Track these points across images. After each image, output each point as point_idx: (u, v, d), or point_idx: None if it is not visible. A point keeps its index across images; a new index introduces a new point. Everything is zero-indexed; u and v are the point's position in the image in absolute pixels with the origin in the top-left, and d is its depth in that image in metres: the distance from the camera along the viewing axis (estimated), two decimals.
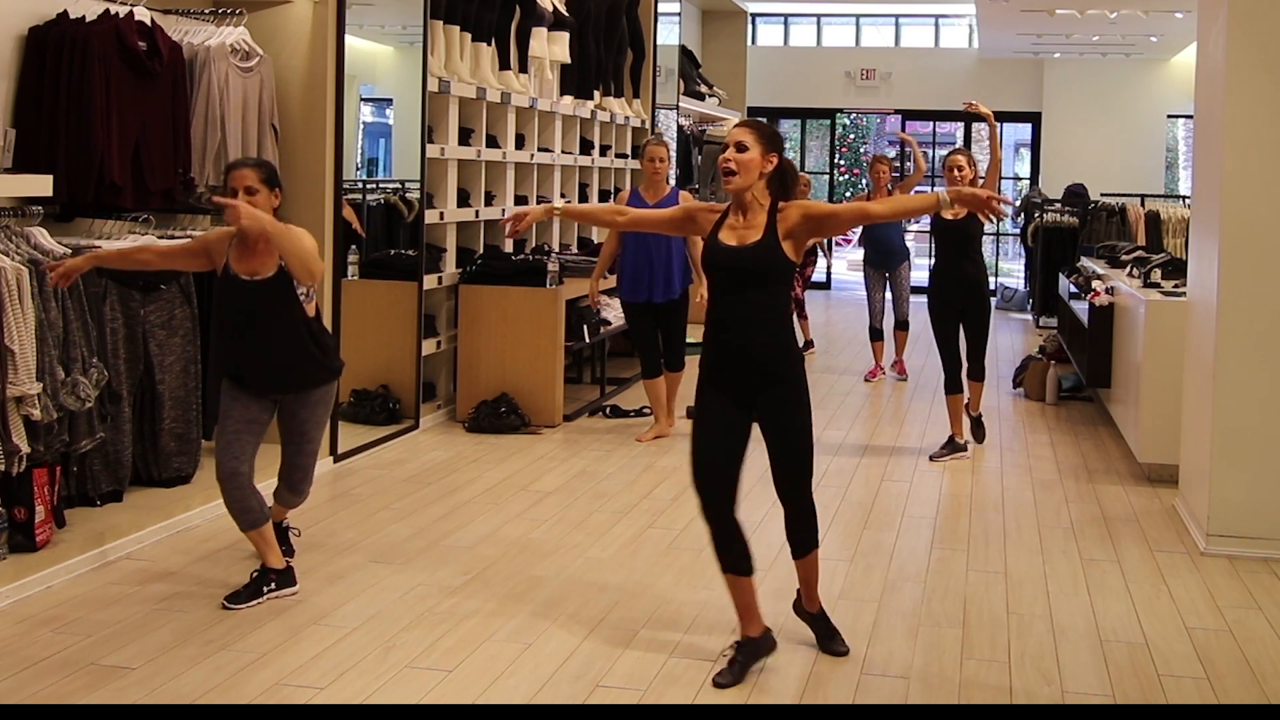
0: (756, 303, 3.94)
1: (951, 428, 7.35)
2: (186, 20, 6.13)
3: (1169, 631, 4.59)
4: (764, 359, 3.97)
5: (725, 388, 4.03)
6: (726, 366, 4.01)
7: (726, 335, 3.99)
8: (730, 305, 3.98)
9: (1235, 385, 5.52)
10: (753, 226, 3.96)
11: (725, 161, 3.94)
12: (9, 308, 4.64)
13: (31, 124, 5.22)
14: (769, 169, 3.96)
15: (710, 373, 4.07)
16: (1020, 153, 20.71)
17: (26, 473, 4.78)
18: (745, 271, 3.93)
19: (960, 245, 7.20)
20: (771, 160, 3.95)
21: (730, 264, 3.95)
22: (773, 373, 3.98)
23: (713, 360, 4.05)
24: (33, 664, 4.04)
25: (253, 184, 4.53)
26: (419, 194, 7.82)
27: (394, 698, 3.87)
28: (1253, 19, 5.50)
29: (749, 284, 3.93)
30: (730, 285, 3.97)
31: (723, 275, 3.99)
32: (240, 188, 4.51)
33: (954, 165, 7.24)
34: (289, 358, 4.61)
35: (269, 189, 4.58)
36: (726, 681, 3.97)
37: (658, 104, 11.92)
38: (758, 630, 4.12)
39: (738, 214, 4.01)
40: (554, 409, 7.94)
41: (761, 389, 4.00)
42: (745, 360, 3.98)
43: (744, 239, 3.96)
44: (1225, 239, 5.54)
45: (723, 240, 3.99)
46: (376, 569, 5.07)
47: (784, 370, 3.99)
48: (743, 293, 3.94)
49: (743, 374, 3.99)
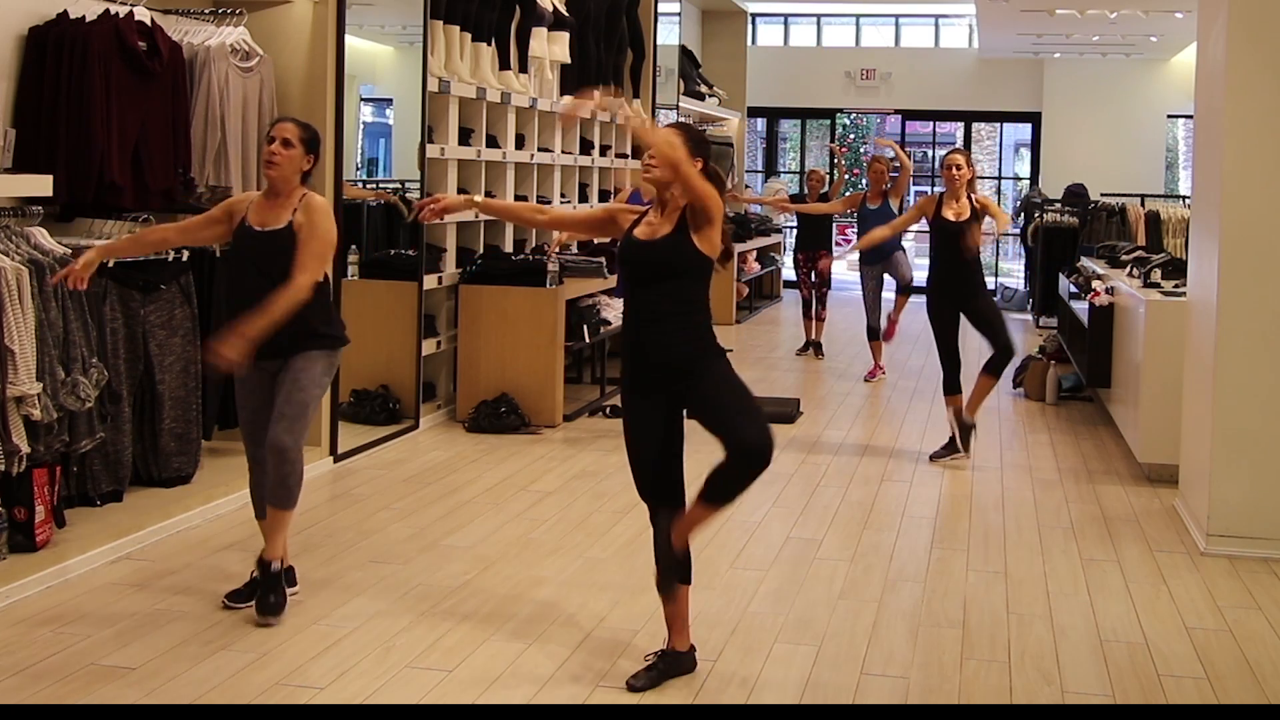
0: (669, 297, 3.88)
1: (951, 428, 7.34)
2: (186, 20, 6.13)
3: (1169, 631, 4.59)
4: (679, 354, 3.87)
5: (645, 389, 3.93)
6: (640, 362, 3.93)
7: (640, 331, 3.91)
8: (642, 299, 3.92)
9: (1235, 385, 5.51)
10: (666, 222, 3.93)
11: (649, 159, 3.93)
12: (9, 308, 4.64)
13: (31, 124, 5.22)
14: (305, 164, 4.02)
15: (627, 373, 3.98)
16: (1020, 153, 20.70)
17: (26, 473, 4.78)
18: (655, 265, 3.90)
19: (960, 246, 7.19)
20: (696, 164, 3.91)
21: (640, 258, 3.93)
22: (689, 368, 3.88)
23: (627, 358, 3.97)
24: (33, 664, 4.04)
25: (290, 137, 4.54)
26: (419, 194, 7.81)
27: (394, 698, 3.87)
28: (1253, 19, 5.50)
29: (658, 277, 3.89)
30: (640, 279, 3.95)
31: (634, 269, 3.97)
32: (279, 137, 4.53)
33: (952, 164, 7.24)
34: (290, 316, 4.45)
35: (305, 149, 4.57)
36: (640, 685, 3.94)
37: (658, 104, 11.92)
38: (684, 645, 4.06)
39: (656, 212, 3.99)
40: (554, 409, 7.94)
41: (681, 385, 3.89)
42: (659, 356, 3.88)
43: (655, 233, 3.93)
44: (1225, 239, 5.54)
45: (636, 235, 3.97)
46: (376, 569, 5.07)
47: (700, 365, 3.88)
48: (655, 286, 3.90)
49: (655, 369, 3.90)
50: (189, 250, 5.74)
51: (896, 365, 10.65)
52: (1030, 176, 17.73)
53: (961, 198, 7.18)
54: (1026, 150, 18.97)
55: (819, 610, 4.72)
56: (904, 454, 7.45)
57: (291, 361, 4.55)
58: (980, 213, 7.19)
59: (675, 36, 13.13)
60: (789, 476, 6.77)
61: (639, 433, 3.97)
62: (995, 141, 21.15)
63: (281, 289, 4.42)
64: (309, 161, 4.61)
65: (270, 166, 4.53)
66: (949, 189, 7.22)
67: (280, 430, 4.46)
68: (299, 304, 4.42)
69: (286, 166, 4.53)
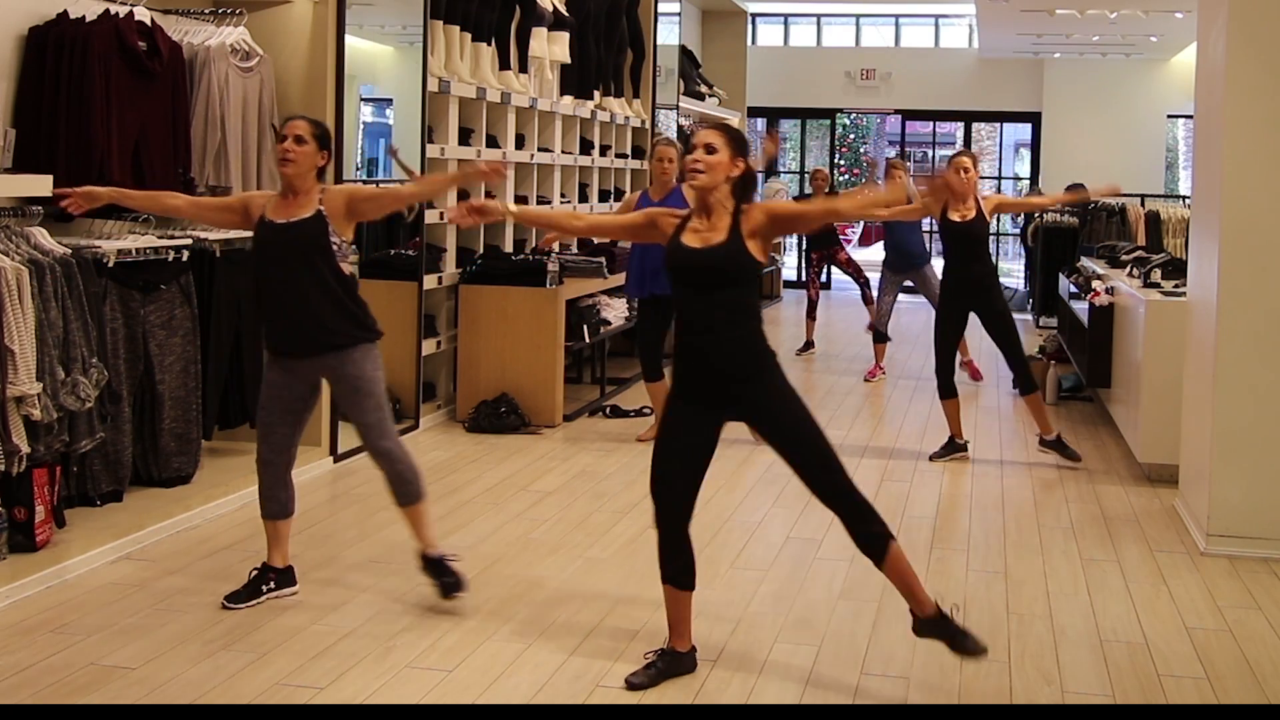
0: (722, 304, 3.86)
1: (950, 428, 7.34)
2: (186, 20, 6.13)
3: (1169, 631, 4.59)
4: (732, 361, 3.87)
5: (695, 396, 3.93)
6: (695, 371, 3.92)
7: (693, 338, 3.90)
8: (695, 308, 3.89)
9: (1235, 385, 5.51)
10: (716, 228, 3.89)
11: (694, 162, 3.88)
12: (9, 308, 4.64)
13: (31, 124, 5.22)
14: (735, 173, 3.90)
15: (680, 381, 3.97)
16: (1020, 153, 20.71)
17: (26, 473, 4.78)
18: (709, 272, 3.86)
19: (968, 247, 7.19)
20: (739, 165, 3.90)
21: (693, 265, 3.88)
22: (744, 375, 3.88)
23: (681, 367, 3.96)
24: (33, 664, 4.04)
25: (303, 134, 4.52)
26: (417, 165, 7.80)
27: (394, 698, 3.87)
28: (1253, 19, 5.50)
29: (714, 285, 3.87)
30: (694, 287, 3.89)
31: (686, 277, 3.91)
32: (291, 134, 4.51)
33: (960, 166, 7.24)
34: (321, 309, 4.49)
35: (318, 145, 4.56)
36: (639, 682, 3.95)
37: (658, 104, 11.92)
38: (684, 647, 4.06)
39: (701, 217, 3.93)
40: (554, 409, 7.94)
41: (735, 391, 3.90)
42: (713, 363, 3.88)
43: (707, 240, 3.88)
44: (1225, 239, 5.54)
45: (685, 242, 3.91)
46: (377, 569, 5.07)
47: (754, 370, 3.90)
48: (708, 295, 3.87)
49: (712, 378, 3.90)
50: (189, 250, 5.74)
51: (897, 365, 10.65)
52: (1030, 176, 17.73)
53: (969, 199, 7.19)
54: (1026, 150, 18.99)
55: (819, 610, 4.72)
56: (904, 454, 7.45)
57: (343, 373, 4.55)
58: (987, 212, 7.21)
59: (675, 36, 13.13)
60: (789, 476, 6.71)
61: (677, 440, 3.95)
62: (995, 141, 21.17)
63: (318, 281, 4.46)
64: (324, 158, 4.59)
65: (284, 164, 4.51)
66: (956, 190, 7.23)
67: (375, 438, 4.57)
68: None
69: (302, 162, 4.52)
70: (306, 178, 4.55)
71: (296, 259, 4.50)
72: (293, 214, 4.54)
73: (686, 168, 3.93)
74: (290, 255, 4.51)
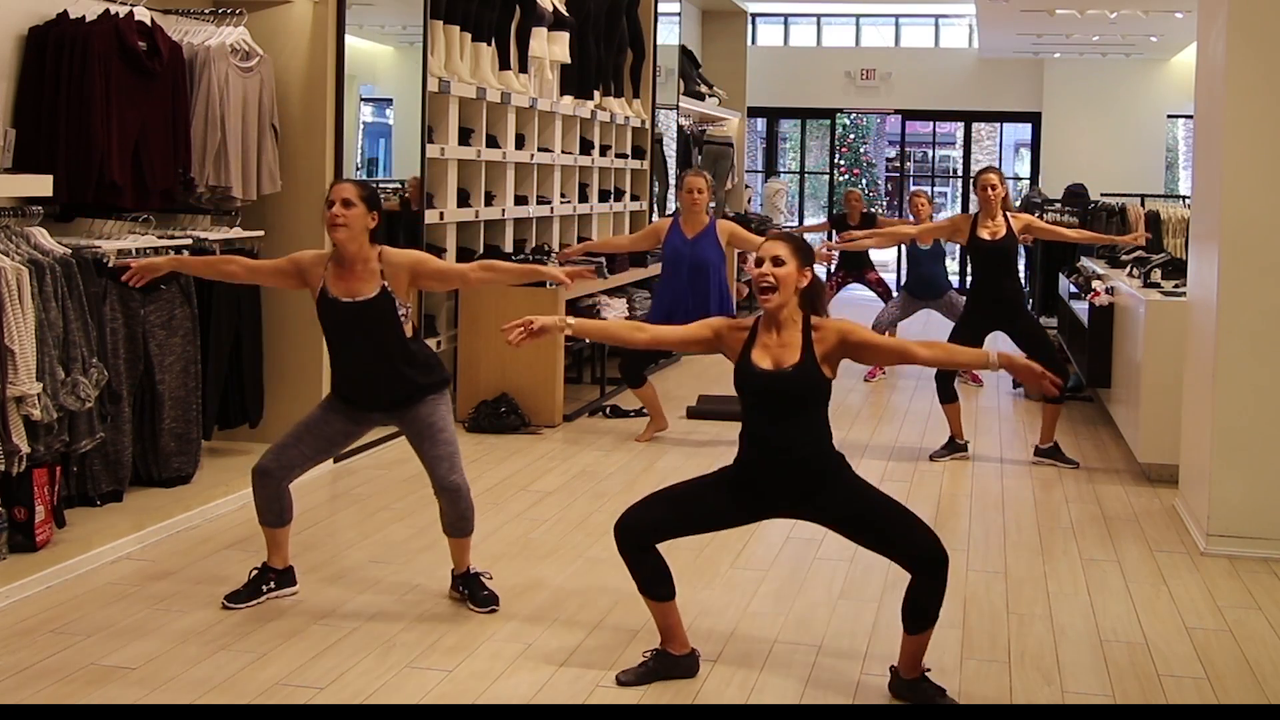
0: (801, 426, 3.76)
1: (951, 428, 7.34)
2: (186, 20, 6.13)
3: (1169, 631, 4.59)
4: (807, 475, 3.79)
5: (750, 499, 3.85)
6: (763, 482, 3.83)
7: (767, 457, 3.79)
8: (769, 428, 3.77)
9: (1235, 385, 5.51)
10: (787, 345, 3.76)
11: (763, 278, 3.73)
12: (9, 308, 4.64)
13: (31, 124, 5.23)
14: (804, 284, 3.77)
15: (740, 481, 3.87)
16: (1020, 153, 20.71)
17: (26, 473, 4.78)
18: (785, 396, 3.75)
19: (999, 264, 7.17)
20: (806, 275, 3.78)
21: (769, 388, 3.75)
22: (818, 483, 3.81)
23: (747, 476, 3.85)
24: (33, 664, 4.04)
25: (350, 197, 4.44)
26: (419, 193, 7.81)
27: (394, 698, 3.87)
28: (1253, 19, 5.50)
29: (790, 408, 3.75)
30: (768, 409, 3.77)
31: (760, 399, 3.78)
32: (338, 199, 4.44)
33: (987, 184, 7.19)
34: (395, 372, 4.53)
35: (367, 207, 4.48)
36: (627, 680, 3.94)
37: (658, 104, 11.92)
38: (680, 650, 4.04)
39: (770, 331, 3.80)
40: (554, 409, 7.94)
41: (800, 501, 3.83)
42: (786, 478, 3.79)
43: (779, 360, 3.75)
44: (1225, 239, 5.54)
45: (756, 362, 3.78)
46: (376, 569, 5.07)
47: (823, 479, 3.81)
48: (784, 417, 3.75)
49: (783, 490, 3.81)
50: (189, 250, 5.75)
51: (897, 364, 10.65)
52: (1030, 176, 17.73)
53: (997, 216, 7.18)
54: (1026, 150, 18.98)
55: (819, 610, 4.72)
56: (904, 454, 7.45)
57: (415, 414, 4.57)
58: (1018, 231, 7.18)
59: (675, 36, 13.13)
60: None
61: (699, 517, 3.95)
62: (995, 141, 21.16)
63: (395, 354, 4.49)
64: (374, 219, 4.49)
65: (335, 230, 4.42)
66: (984, 208, 7.22)
67: (445, 471, 4.59)
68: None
69: (354, 225, 4.43)
70: (359, 241, 4.46)
71: (368, 335, 4.50)
72: (357, 291, 4.48)
73: (755, 284, 3.78)
74: (361, 332, 4.51)
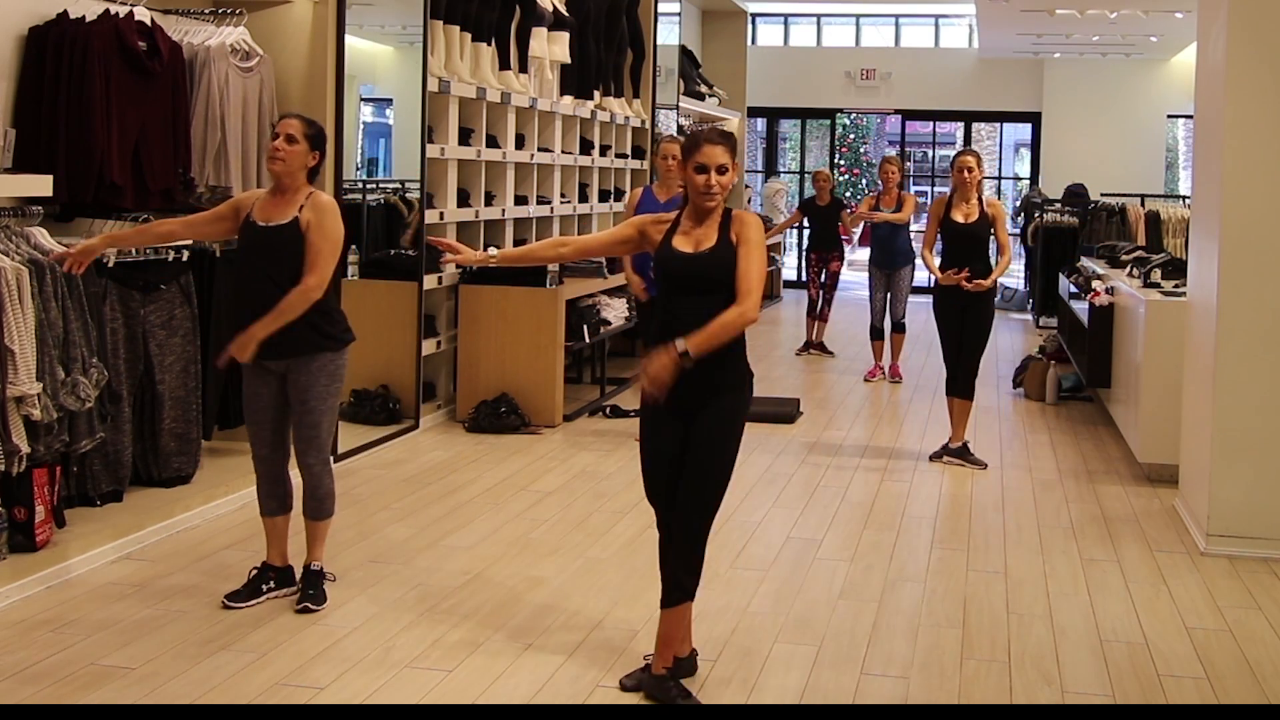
0: (707, 309, 3.80)
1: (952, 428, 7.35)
2: (186, 20, 6.13)
3: (1169, 631, 4.59)
4: (708, 367, 3.79)
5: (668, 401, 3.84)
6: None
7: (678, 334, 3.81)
8: (679, 311, 3.83)
9: (1235, 385, 5.51)
10: (707, 231, 3.87)
11: (710, 186, 3.82)
12: (9, 308, 4.64)
13: (31, 124, 5.22)
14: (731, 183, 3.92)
15: None
16: (1020, 153, 20.71)
17: (26, 473, 4.78)
18: (700, 277, 3.84)
19: (970, 247, 7.17)
20: (737, 167, 3.91)
21: (685, 269, 3.85)
22: (715, 382, 3.85)
23: None
24: (33, 664, 4.04)
25: (295, 133, 4.51)
26: (419, 194, 7.82)
27: (394, 698, 3.87)
28: (1253, 19, 5.50)
29: (702, 290, 3.84)
30: (682, 290, 3.86)
31: (677, 282, 3.88)
32: (283, 133, 4.51)
33: (964, 166, 7.21)
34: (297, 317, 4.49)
35: (310, 145, 4.54)
36: (631, 685, 3.95)
37: (658, 104, 11.91)
38: (683, 651, 4.04)
39: (691, 220, 3.90)
40: (554, 409, 7.94)
41: (701, 399, 3.85)
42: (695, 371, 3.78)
43: (700, 244, 3.86)
44: (1225, 239, 5.54)
45: (677, 246, 3.88)
46: (376, 569, 5.07)
47: (727, 382, 3.87)
48: (695, 298, 3.83)
49: (689, 385, 3.81)
50: (189, 250, 5.75)
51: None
52: (1030, 176, 17.74)
53: (972, 199, 7.18)
54: (1026, 150, 18.98)
55: (819, 610, 4.72)
56: (904, 454, 7.45)
57: (296, 377, 4.56)
58: (990, 216, 7.19)
59: (675, 36, 13.13)
60: (789, 476, 6.77)
61: (656, 441, 3.94)
62: (995, 141, 21.15)
63: (288, 287, 4.44)
64: (314, 158, 4.58)
65: (274, 162, 4.53)
66: (959, 190, 7.21)
67: (300, 453, 4.63)
68: (310, 305, 4.45)
69: (292, 161, 4.52)
70: (296, 176, 4.55)
71: (274, 261, 4.51)
72: (275, 216, 4.54)
73: (701, 189, 3.84)
74: (268, 256, 4.52)
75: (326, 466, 4.69)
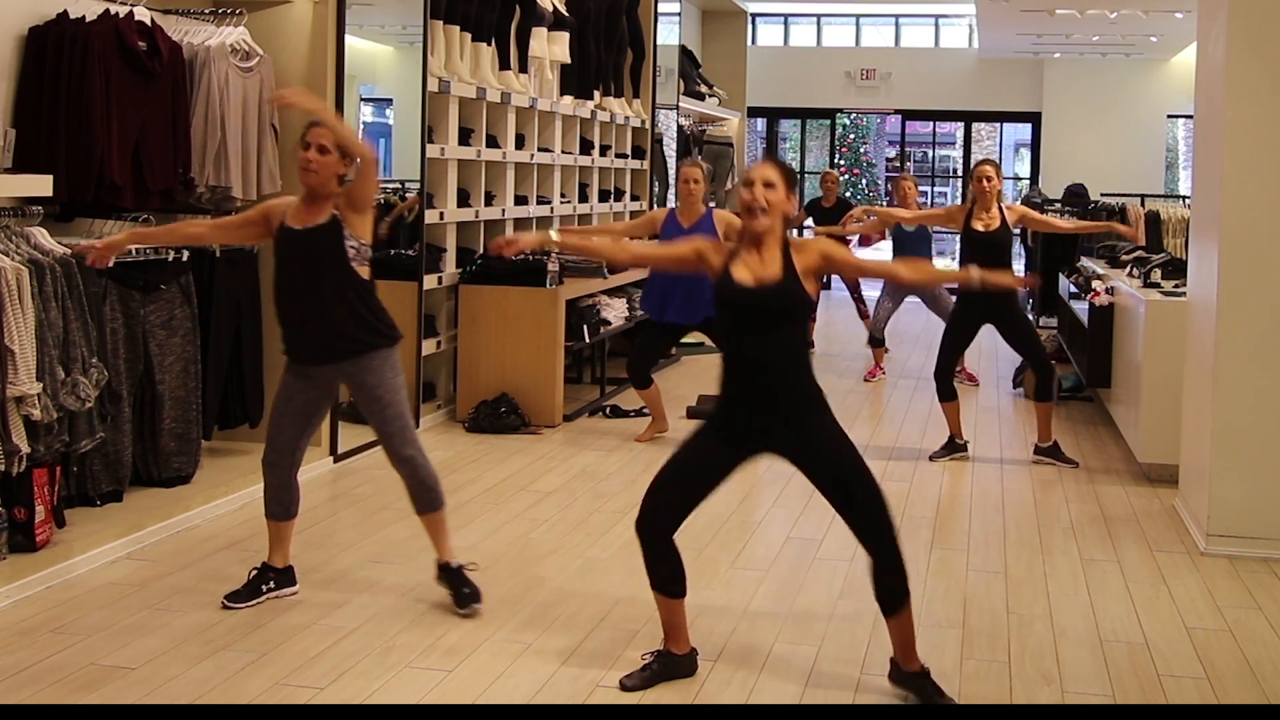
0: (779, 342, 3.80)
1: (950, 428, 7.34)
2: (186, 20, 6.13)
3: (1169, 631, 4.59)
4: (787, 397, 3.82)
5: (733, 432, 3.86)
6: (744, 407, 3.84)
7: (749, 378, 3.82)
8: (749, 346, 3.81)
9: (1235, 385, 5.52)
10: (768, 263, 3.80)
11: (755, 200, 3.77)
12: (9, 308, 4.64)
13: (31, 124, 5.22)
14: (789, 209, 3.86)
15: (724, 418, 3.90)
16: (1020, 153, 20.71)
17: (26, 473, 4.78)
18: (764, 311, 3.80)
19: (992, 255, 7.16)
20: (793, 200, 3.85)
21: (751, 304, 3.79)
22: (799, 410, 3.85)
23: (730, 405, 3.88)
24: (33, 664, 4.04)
25: (326, 143, 4.46)
26: (419, 194, 7.82)
27: (394, 698, 3.87)
28: (1253, 19, 5.50)
29: (768, 323, 3.79)
30: (749, 324, 3.81)
31: (743, 316, 3.82)
32: (315, 143, 4.46)
33: (983, 175, 7.23)
34: (338, 316, 4.48)
35: (340, 154, 4.49)
36: (632, 684, 3.94)
37: (658, 104, 11.92)
38: (682, 649, 4.05)
39: (751, 250, 3.84)
40: (554, 409, 7.94)
41: (786, 428, 3.85)
42: (767, 400, 3.81)
43: (761, 276, 3.79)
44: (1225, 239, 5.54)
45: (738, 278, 3.81)
46: (376, 569, 5.07)
47: (808, 405, 3.86)
48: (763, 331, 3.80)
49: (764, 414, 3.82)
50: (189, 250, 5.75)
51: (896, 365, 10.66)
52: (1030, 176, 17.73)
53: (992, 208, 7.21)
54: (1026, 150, 18.98)
55: (819, 610, 4.72)
56: (904, 454, 7.45)
57: (363, 381, 4.54)
58: (1012, 223, 7.21)
59: (675, 36, 13.13)
60: (789, 476, 6.73)
61: (695, 473, 3.92)
62: (995, 141, 21.16)
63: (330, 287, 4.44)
64: (345, 165, 4.52)
65: (307, 174, 4.46)
66: (980, 200, 7.23)
67: (396, 446, 4.58)
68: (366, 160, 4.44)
69: (324, 172, 4.46)
70: (329, 185, 4.49)
71: (314, 264, 4.49)
72: (310, 220, 4.51)
73: (747, 204, 3.80)
74: (308, 259, 4.50)
75: (425, 456, 4.63)
